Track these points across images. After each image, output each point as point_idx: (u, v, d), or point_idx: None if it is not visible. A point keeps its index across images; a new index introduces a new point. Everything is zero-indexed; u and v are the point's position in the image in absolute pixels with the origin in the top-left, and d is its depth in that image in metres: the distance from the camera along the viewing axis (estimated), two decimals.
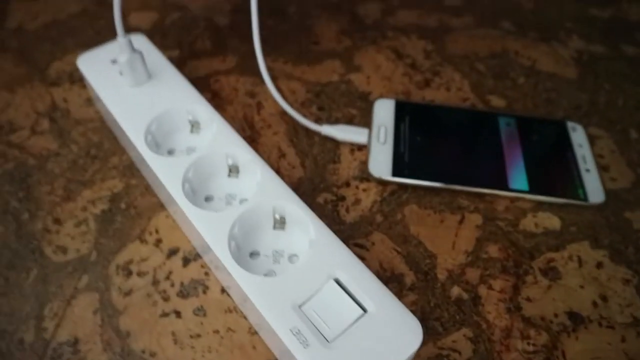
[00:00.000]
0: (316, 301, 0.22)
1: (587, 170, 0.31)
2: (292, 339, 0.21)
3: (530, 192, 0.30)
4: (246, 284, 0.23)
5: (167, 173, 0.27)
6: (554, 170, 0.31)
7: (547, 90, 0.38)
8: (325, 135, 0.33)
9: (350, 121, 0.35)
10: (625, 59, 0.41)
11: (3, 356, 0.25)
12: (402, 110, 0.34)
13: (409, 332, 0.21)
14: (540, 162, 0.31)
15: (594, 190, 0.30)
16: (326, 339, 0.21)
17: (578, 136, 0.33)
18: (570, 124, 0.34)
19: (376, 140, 0.32)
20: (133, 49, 0.30)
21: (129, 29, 0.43)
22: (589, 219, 0.30)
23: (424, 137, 0.33)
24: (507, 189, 0.30)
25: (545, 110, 0.36)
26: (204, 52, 0.41)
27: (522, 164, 0.31)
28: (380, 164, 0.31)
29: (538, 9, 0.45)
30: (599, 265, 0.28)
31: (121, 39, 0.30)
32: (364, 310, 0.22)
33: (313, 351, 0.21)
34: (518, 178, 0.31)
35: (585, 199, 0.30)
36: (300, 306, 0.22)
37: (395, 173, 0.31)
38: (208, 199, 0.28)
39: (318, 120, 0.35)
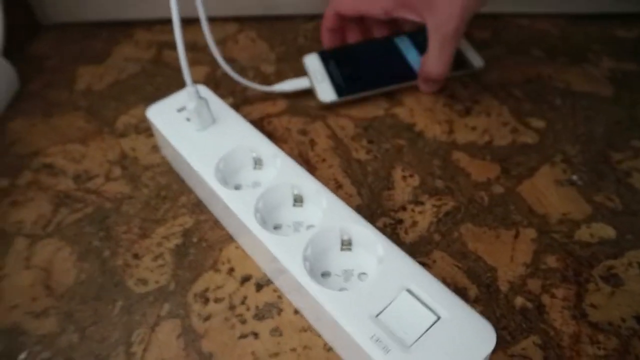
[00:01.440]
0: (391, 311, 0.24)
1: (467, 52, 0.44)
2: (373, 346, 0.22)
3: None
4: (324, 298, 0.24)
5: (239, 205, 0.29)
6: None
7: (585, 109, 0.39)
8: (279, 91, 0.43)
9: (399, 151, 0.37)
10: None
11: None
12: (325, 57, 0.45)
13: (482, 334, 0.23)
14: None
15: (475, 59, 0.43)
16: (404, 344, 0.22)
17: None
18: None
19: (316, 81, 0.42)
20: (199, 96, 0.33)
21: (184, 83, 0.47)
22: None
23: (348, 67, 0.43)
24: (415, 77, 0.42)
25: (585, 128, 0.38)
26: (255, 98, 0.44)
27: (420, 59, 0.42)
28: (325, 93, 0.41)
29: (564, 36, 0.48)
30: None
31: (190, 87, 0.33)
32: (438, 316, 0.23)
33: (394, 356, 0.22)
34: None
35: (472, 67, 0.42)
36: (377, 316, 0.23)
37: (339, 94, 0.41)
38: (277, 227, 0.30)
39: (369, 152, 0.37)
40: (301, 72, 0.46)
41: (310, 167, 0.37)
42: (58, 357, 0.29)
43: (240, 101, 0.44)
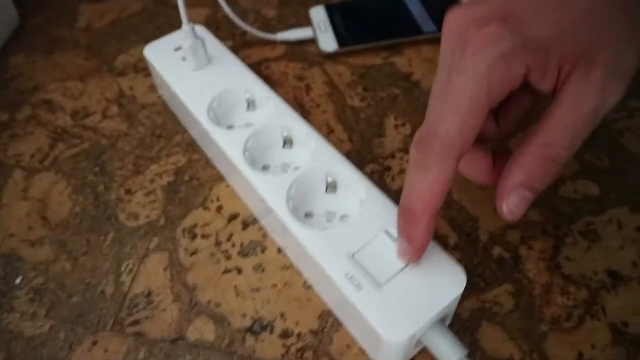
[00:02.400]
0: (368, 251, 0.24)
1: None
2: (346, 282, 0.23)
3: (438, 31, 0.41)
4: (303, 236, 0.25)
5: (229, 144, 0.30)
6: None
7: None
8: (282, 40, 0.43)
9: (394, 99, 0.37)
10: None
11: (89, 305, 0.29)
12: (332, 9, 0.45)
13: (453, 277, 0.23)
14: (439, 12, 0.39)
15: None
16: (377, 283, 0.23)
17: None
18: None
19: (319, 31, 0.42)
20: (196, 35, 0.33)
21: None
22: (629, 186, 0.31)
23: (353, 19, 0.44)
24: (422, 33, 0.41)
25: None
26: (254, 42, 0.44)
27: (429, 18, 0.43)
28: (327, 43, 0.41)
29: None
30: (639, 228, 0.29)
31: (185, 26, 0.33)
32: None
33: (365, 293, 0.23)
34: (428, 25, 0.42)
35: None
36: (353, 255, 0.24)
37: (340, 44, 0.41)
38: (265, 167, 0.30)
39: (363, 100, 0.37)
40: (303, 17, 0.45)
41: (304, 111, 0.37)
42: (51, 282, 0.30)
43: (239, 44, 0.44)
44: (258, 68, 0.41)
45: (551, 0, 0.20)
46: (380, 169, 0.33)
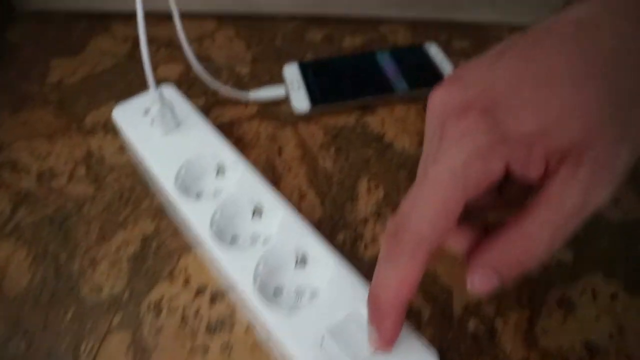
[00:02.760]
0: (337, 334, 0.23)
1: (445, 69, 0.44)
2: None
3: (410, 90, 0.42)
4: (270, 320, 0.24)
5: (195, 216, 0.29)
6: (423, 74, 0.43)
7: None
8: (254, 99, 0.42)
9: (367, 161, 0.37)
10: None
11: None
12: (305, 67, 0.45)
13: None
14: (412, 71, 0.44)
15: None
16: None
17: (434, 50, 0.46)
18: (427, 45, 0.46)
19: (292, 89, 0.42)
20: (163, 100, 0.33)
21: (157, 81, 0.46)
22: (601, 251, 0.31)
23: (326, 78, 0.44)
24: (395, 91, 0.41)
25: None
26: (227, 100, 0.43)
27: (401, 76, 0.43)
28: (300, 102, 0.41)
29: None
30: (614, 296, 0.29)
31: (153, 91, 0.32)
32: None
33: None
34: (401, 83, 0.42)
35: None
36: (322, 339, 0.23)
37: (312, 104, 0.41)
38: (234, 238, 0.30)
39: (336, 162, 0.37)
40: (276, 74, 0.45)
41: (276, 176, 0.36)
42: None
43: (211, 103, 0.43)
44: (230, 129, 0.40)
45: (537, 93, 0.19)
46: (353, 236, 0.32)
